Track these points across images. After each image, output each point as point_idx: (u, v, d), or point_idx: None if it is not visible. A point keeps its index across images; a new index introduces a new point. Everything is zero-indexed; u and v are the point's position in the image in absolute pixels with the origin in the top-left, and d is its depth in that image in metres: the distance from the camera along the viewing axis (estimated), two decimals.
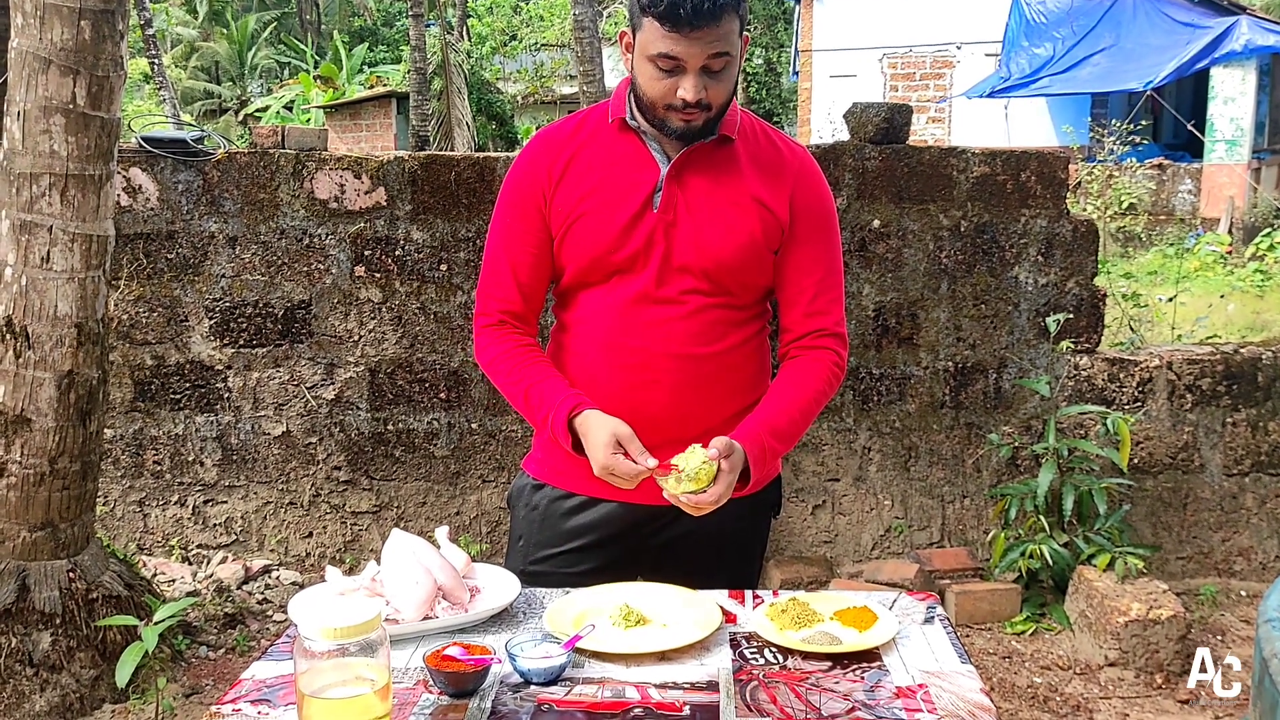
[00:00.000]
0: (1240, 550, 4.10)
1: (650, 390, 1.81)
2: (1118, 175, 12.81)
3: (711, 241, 1.79)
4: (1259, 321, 8.11)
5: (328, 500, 4.06)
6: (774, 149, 1.88)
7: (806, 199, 1.87)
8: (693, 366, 1.82)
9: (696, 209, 1.80)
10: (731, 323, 1.84)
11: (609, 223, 1.79)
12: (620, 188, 1.80)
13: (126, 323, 3.90)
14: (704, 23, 1.63)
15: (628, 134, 1.83)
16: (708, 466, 1.47)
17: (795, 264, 1.87)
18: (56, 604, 3.04)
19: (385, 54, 27.09)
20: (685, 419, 1.82)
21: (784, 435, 1.83)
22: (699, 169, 1.81)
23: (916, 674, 1.49)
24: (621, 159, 1.82)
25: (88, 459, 3.15)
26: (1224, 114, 13.66)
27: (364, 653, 1.28)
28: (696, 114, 1.72)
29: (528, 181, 1.85)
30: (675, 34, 1.64)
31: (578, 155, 1.83)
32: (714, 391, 1.85)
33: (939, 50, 16.34)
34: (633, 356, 1.81)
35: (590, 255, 1.81)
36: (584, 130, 1.86)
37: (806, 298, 1.88)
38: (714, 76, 1.70)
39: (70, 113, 2.95)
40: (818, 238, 1.88)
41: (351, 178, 3.86)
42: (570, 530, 1.93)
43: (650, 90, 1.72)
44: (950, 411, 4.04)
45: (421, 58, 15.07)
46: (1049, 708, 3.19)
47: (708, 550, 1.89)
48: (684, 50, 1.66)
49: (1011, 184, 3.92)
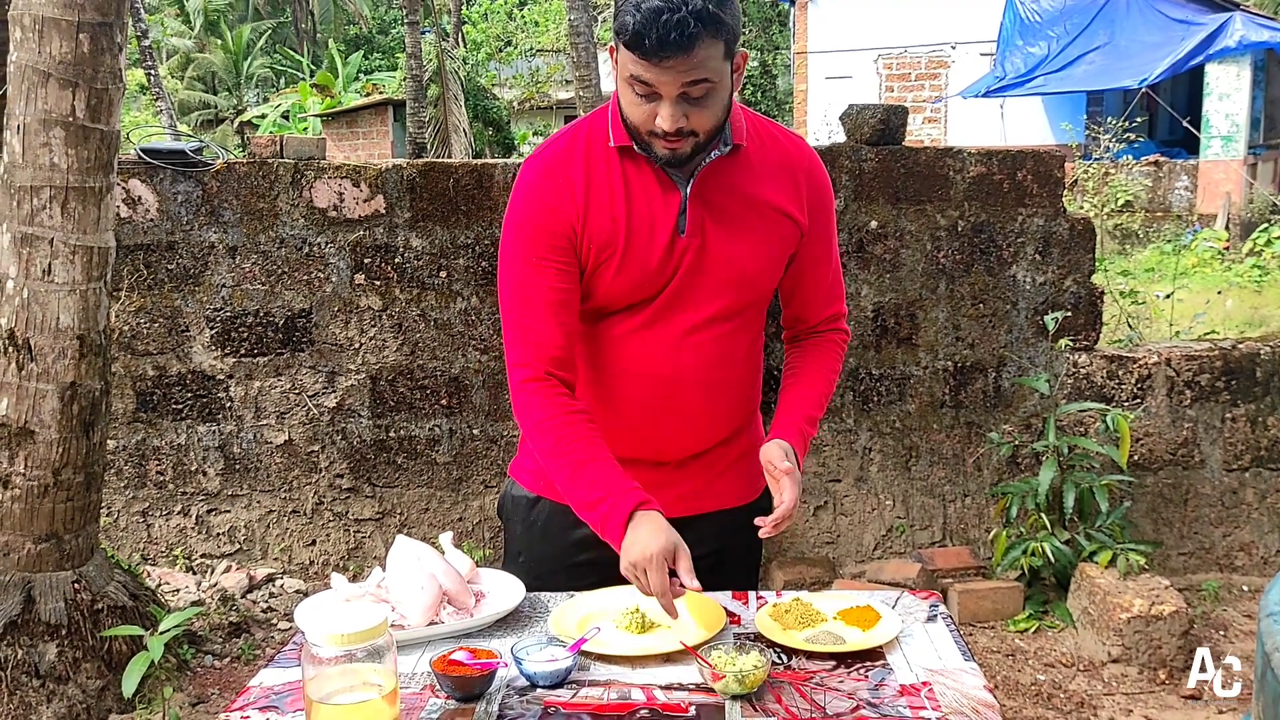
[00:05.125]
0: (1241, 545, 4.11)
1: (667, 416, 1.79)
2: (1114, 173, 12.84)
3: (741, 256, 1.75)
4: (1256, 317, 8.12)
5: (330, 508, 4.07)
6: (781, 149, 1.82)
7: (817, 198, 1.83)
8: (713, 391, 1.80)
9: (723, 227, 1.74)
10: (744, 338, 1.83)
11: (646, 255, 1.71)
12: (649, 217, 1.71)
13: (128, 334, 3.91)
14: (673, 53, 1.52)
15: (637, 158, 1.72)
16: (759, 672, 1.41)
17: (811, 263, 1.86)
18: (62, 615, 3.05)
19: (381, 61, 27.13)
20: (702, 436, 1.82)
21: (814, 419, 1.86)
22: (719, 184, 1.74)
23: (920, 672, 1.49)
24: (640, 186, 1.72)
25: (91, 470, 3.16)
26: (1219, 110, 13.69)
27: (371, 658, 1.29)
28: (680, 142, 1.62)
29: (553, 216, 1.71)
30: (645, 61, 1.55)
31: (595, 184, 1.72)
32: (727, 405, 1.85)
33: (934, 50, 16.38)
34: (657, 386, 1.77)
35: (625, 287, 1.73)
36: (591, 155, 1.74)
37: (824, 292, 1.89)
38: (695, 104, 1.59)
39: (70, 125, 2.96)
40: (826, 232, 1.87)
41: (350, 186, 3.88)
42: (573, 545, 1.89)
43: (631, 115, 1.64)
44: (950, 411, 4.05)
45: (417, 65, 15.10)
46: (1053, 705, 3.20)
47: (710, 560, 1.89)
48: (655, 78, 1.56)
49: (1008, 183, 3.93)
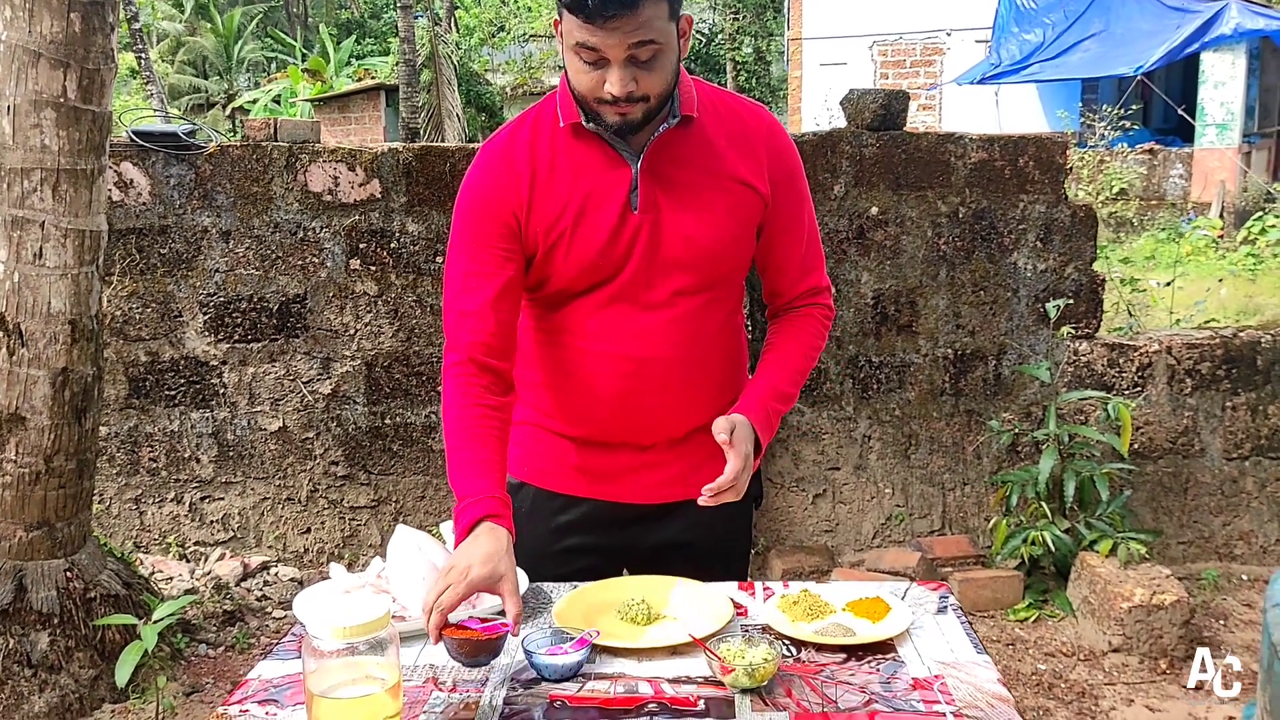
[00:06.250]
0: (1241, 534, 4.10)
1: (644, 398, 1.76)
2: (1109, 160, 12.83)
3: (698, 233, 1.70)
4: (1251, 305, 8.11)
5: (325, 495, 4.04)
6: (738, 118, 1.76)
7: (781, 166, 1.77)
8: (686, 370, 1.77)
9: (678, 201, 1.69)
10: (718, 314, 1.79)
11: (594, 233, 1.68)
12: (597, 194, 1.68)
13: (120, 319, 3.87)
14: (616, 11, 1.48)
15: (586, 136, 1.69)
16: (769, 666, 1.37)
17: (781, 232, 1.80)
18: (54, 604, 3.02)
19: (373, 46, 26.96)
20: (680, 418, 1.78)
21: (786, 395, 1.80)
22: (671, 158, 1.69)
23: (933, 665, 1.47)
24: (588, 164, 1.69)
25: (83, 457, 3.12)
26: (1214, 98, 13.66)
27: (373, 651, 1.26)
28: (631, 107, 1.58)
29: (495, 203, 1.70)
30: (590, 25, 1.51)
31: (541, 167, 1.69)
32: (706, 387, 1.81)
33: (929, 37, 16.32)
34: (628, 365, 1.74)
35: (578, 268, 1.71)
36: (539, 138, 1.71)
37: (796, 263, 1.83)
38: (643, 66, 1.55)
39: (61, 106, 2.91)
40: (796, 200, 1.81)
41: (345, 170, 3.83)
42: (557, 530, 1.88)
43: (578, 83, 1.60)
44: (950, 399, 4.03)
45: (410, 50, 15.00)
46: (1054, 695, 3.19)
47: (697, 549, 1.86)
48: (601, 41, 1.52)
49: (1009, 169, 3.89)
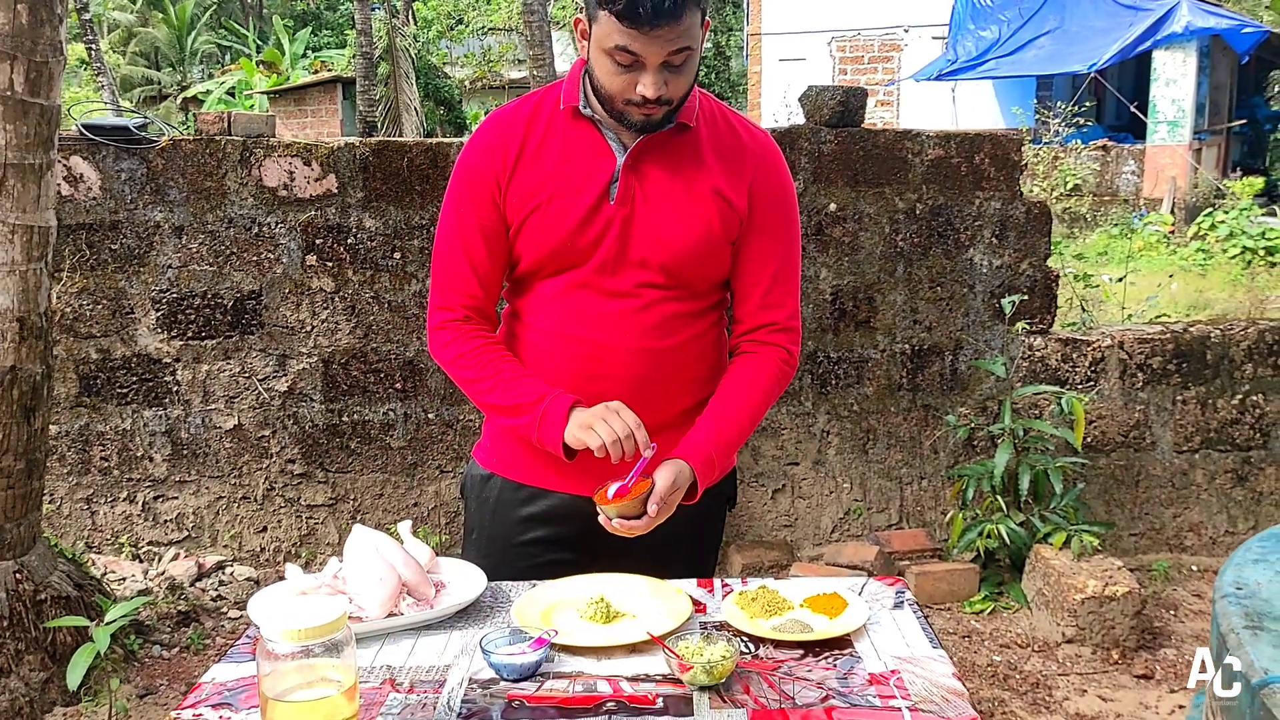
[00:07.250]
0: (1191, 526, 4.18)
1: (605, 383, 1.77)
2: (1063, 157, 13.00)
3: (669, 235, 1.74)
4: (1201, 300, 8.27)
5: (282, 494, 4.00)
6: (734, 135, 1.82)
7: (766, 188, 1.82)
8: (649, 360, 1.78)
9: (654, 201, 1.74)
10: (688, 315, 1.81)
11: (566, 215, 1.73)
12: (576, 178, 1.74)
13: (70, 316, 3.80)
14: (665, 21, 1.56)
15: (582, 122, 1.76)
16: (727, 663, 1.38)
17: (752, 254, 1.82)
18: (3, 606, 2.96)
19: (330, 39, 26.69)
20: (643, 412, 1.77)
21: (731, 445, 1.81)
22: (656, 159, 1.75)
23: (889, 660, 1.48)
24: (577, 148, 1.75)
25: (33, 457, 3.07)
26: (1166, 95, 13.88)
27: (329, 653, 1.25)
28: (657, 109, 1.66)
29: (482, 168, 1.77)
30: (634, 30, 1.57)
31: (531, 142, 1.76)
32: (671, 385, 1.82)
33: (887, 34, 16.45)
34: (587, 349, 1.77)
35: (547, 247, 1.75)
36: (538, 115, 1.78)
37: (761, 290, 1.84)
38: (675, 71, 1.64)
39: (8, 100, 2.85)
40: (775, 228, 1.84)
41: (301, 165, 3.79)
42: (523, 522, 1.89)
43: (609, 84, 1.66)
44: (907, 394, 4.06)
45: (368, 42, 14.89)
46: (1009, 686, 3.23)
47: (665, 546, 1.87)
48: (643, 47, 1.59)
49: (965, 166, 3.93)
